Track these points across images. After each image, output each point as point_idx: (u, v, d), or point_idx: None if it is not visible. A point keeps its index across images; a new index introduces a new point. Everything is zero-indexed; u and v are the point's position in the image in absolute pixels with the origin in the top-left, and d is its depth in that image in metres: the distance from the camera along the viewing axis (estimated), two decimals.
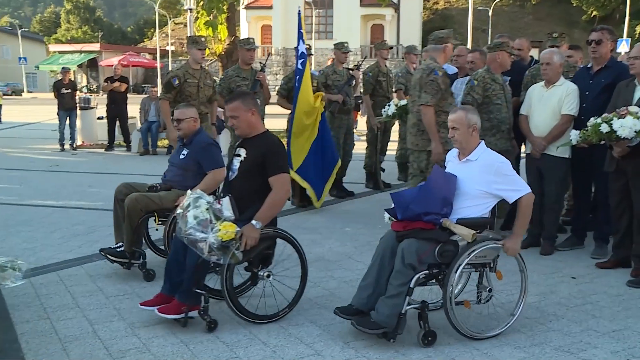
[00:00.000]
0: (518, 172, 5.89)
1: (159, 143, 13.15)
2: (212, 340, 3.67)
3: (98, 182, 9.17)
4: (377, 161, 8.55)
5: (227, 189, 4.09)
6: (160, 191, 4.77)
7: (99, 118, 14.60)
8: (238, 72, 6.82)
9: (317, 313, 4.15)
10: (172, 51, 50.94)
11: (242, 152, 4.06)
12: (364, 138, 9.02)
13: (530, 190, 3.73)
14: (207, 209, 3.68)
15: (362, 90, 8.96)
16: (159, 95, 9.33)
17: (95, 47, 54.80)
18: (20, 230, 6.22)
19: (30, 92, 54.06)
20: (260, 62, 7.22)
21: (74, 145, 13.49)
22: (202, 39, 6.80)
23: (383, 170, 8.85)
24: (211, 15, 15.27)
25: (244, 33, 42.72)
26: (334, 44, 8.09)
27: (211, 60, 28.45)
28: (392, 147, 9.35)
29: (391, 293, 3.52)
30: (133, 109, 13.83)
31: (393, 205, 3.77)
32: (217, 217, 3.68)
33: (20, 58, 52.78)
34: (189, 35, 12.22)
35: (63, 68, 14.15)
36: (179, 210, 3.76)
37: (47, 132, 16.67)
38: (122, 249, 4.71)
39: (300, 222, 6.80)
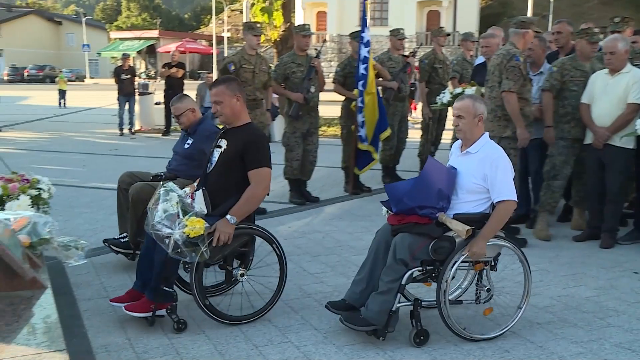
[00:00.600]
0: (543, 157, 5.89)
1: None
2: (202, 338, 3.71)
3: (155, 166, 9.34)
4: (428, 150, 8.46)
5: (203, 182, 3.81)
6: (164, 180, 4.56)
7: (156, 103, 14.93)
8: (293, 59, 6.84)
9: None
10: (227, 37, 51.45)
11: (223, 142, 3.80)
12: (419, 126, 8.92)
13: (515, 200, 3.46)
14: (177, 203, 3.47)
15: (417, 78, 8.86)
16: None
17: (154, 33, 55.91)
18: (83, 212, 6.43)
19: (92, 78, 55.71)
20: (316, 49, 7.20)
21: (132, 130, 13.86)
22: (258, 25, 6.83)
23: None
24: (267, 1, 15.36)
25: (299, 19, 42.77)
26: (390, 31, 8.00)
27: (266, 47, 28.63)
28: (447, 137, 9.23)
29: (382, 289, 3.37)
30: (190, 95, 14.05)
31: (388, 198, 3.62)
32: (185, 212, 3.45)
33: (83, 45, 54.42)
34: (244, 21, 12.34)
35: (123, 54, 14.50)
36: (150, 203, 3.57)
37: (108, 117, 17.18)
38: (126, 239, 4.61)
39: (353, 209, 6.81)
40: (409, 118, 8.76)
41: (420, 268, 3.42)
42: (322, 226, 6.07)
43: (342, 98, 7.45)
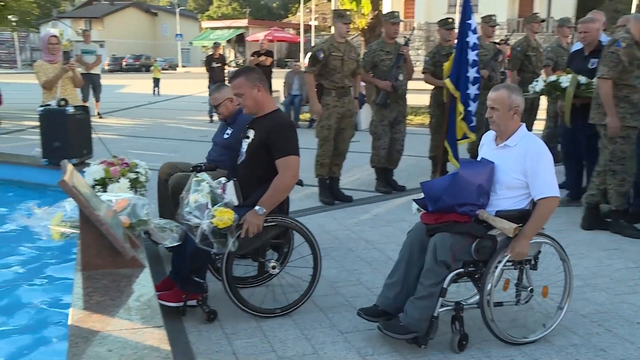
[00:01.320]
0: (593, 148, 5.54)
1: (302, 116, 13.54)
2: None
3: None
4: None
5: (234, 173, 3.81)
6: (204, 171, 4.53)
7: None
8: (382, 46, 6.80)
9: (454, 290, 4.09)
10: (315, 26, 51.72)
11: (251, 133, 3.73)
12: None
13: (558, 196, 3.24)
14: (207, 194, 3.40)
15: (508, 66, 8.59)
16: (303, 68, 9.54)
17: (243, 23, 57.05)
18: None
19: (184, 66, 57.68)
20: (404, 37, 7.13)
21: None
22: (348, 12, 6.83)
23: None
24: None
25: (386, 7, 42.37)
26: (481, 17, 7.80)
27: (354, 35, 28.57)
28: (539, 127, 8.92)
29: (422, 294, 3.16)
30: (277, 83, 14.30)
31: (422, 196, 3.38)
32: (215, 203, 3.38)
33: (177, 35, 56.41)
34: (333, 9, 12.37)
35: (215, 43, 14.90)
36: (183, 193, 3.53)
37: (198, 104, 17.75)
38: None
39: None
40: None
41: (461, 270, 3.22)
42: (408, 215, 6.02)
43: (431, 87, 7.35)
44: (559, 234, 5.37)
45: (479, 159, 3.50)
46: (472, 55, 6.65)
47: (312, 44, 46.32)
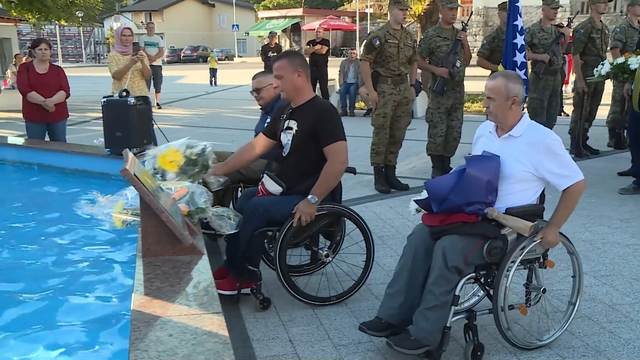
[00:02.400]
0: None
1: (357, 105, 13.49)
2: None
3: None
4: (581, 127, 7.94)
5: (280, 166, 3.79)
6: None
7: None
8: (439, 32, 6.69)
9: (515, 281, 4.00)
10: (370, 14, 51.35)
11: (293, 124, 3.65)
12: (570, 101, 8.38)
13: (583, 178, 3.04)
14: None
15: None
16: (359, 56, 9.49)
17: (299, 12, 57.17)
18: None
19: (240, 56, 58.32)
20: (462, 22, 6.98)
21: None
22: None
23: (587, 137, 8.23)
24: None
25: None
26: (543, 0, 7.56)
27: (410, 21, 28.22)
28: (603, 113, 8.60)
29: (433, 304, 2.89)
30: (333, 71, 14.28)
31: (425, 196, 3.13)
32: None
33: (233, 25, 57.07)
34: None
35: (270, 32, 15.00)
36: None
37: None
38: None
39: None
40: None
41: (474, 274, 2.99)
42: None
43: (488, 72, 7.18)
44: (626, 223, 5.22)
45: (474, 153, 3.25)
46: (520, 40, 6.46)
47: (368, 32, 46.04)
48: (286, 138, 3.70)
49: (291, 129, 3.65)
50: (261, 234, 3.58)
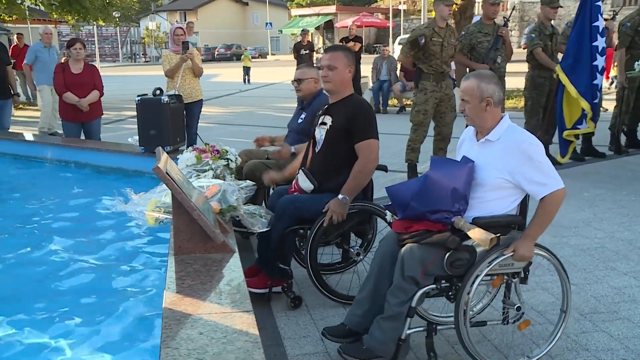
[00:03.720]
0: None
1: (390, 102, 13.41)
2: None
3: None
4: (621, 123, 7.75)
5: (311, 161, 3.73)
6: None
7: None
8: (480, 28, 6.57)
9: (549, 280, 3.93)
10: (404, 10, 51.00)
11: (328, 119, 3.61)
12: (610, 96, 8.17)
13: (564, 187, 2.75)
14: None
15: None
16: (391, 54, 9.41)
17: (332, 9, 57.07)
18: None
19: (274, 54, 58.54)
20: (504, 17, 6.85)
21: None
22: None
23: (625, 133, 8.02)
24: None
25: None
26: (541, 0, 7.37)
27: None
28: None
29: (388, 314, 2.79)
30: (366, 69, 14.22)
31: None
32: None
33: (266, 23, 57.35)
34: None
35: (303, 30, 15.00)
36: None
37: (287, 91, 17.93)
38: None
39: None
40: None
41: (433, 286, 2.82)
42: None
43: (526, 69, 7.06)
44: None
45: (458, 157, 3.03)
46: (601, 42, 6.30)
47: (401, 29, 45.62)
48: (320, 133, 3.68)
49: (325, 124, 3.63)
50: (292, 232, 3.58)
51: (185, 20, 55.05)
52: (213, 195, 3.51)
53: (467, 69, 6.57)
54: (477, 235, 2.69)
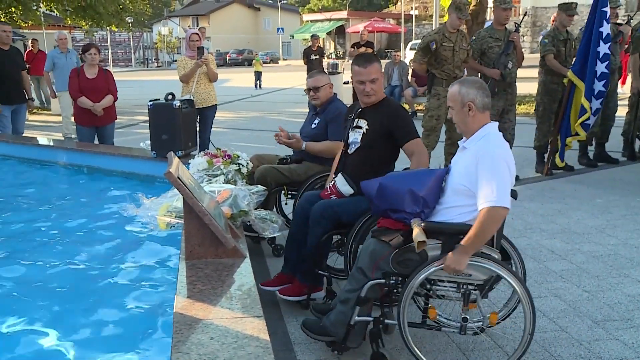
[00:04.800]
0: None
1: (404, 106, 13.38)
2: None
3: None
4: (635, 128, 7.69)
5: (343, 163, 3.73)
6: (290, 163, 4.59)
7: (344, 83, 15.29)
8: (491, 33, 6.56)
9: (561, 287, 3.91)
10: (415, 16, 51.00)
11: (363, 123, 3.64)
12: (626, 102, 8.10)
13: (503, 206, 2.68)
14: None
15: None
16: (403, 59, 9.40)
17: (343, 14, 57.25)
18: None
19: (285, 59, 58.69)
20: (515, 23, 6.83)
21: None
22: (466, 5, 6.48)
23: (639, 138, 7.97)
24: None
25: None
26: (559, 6, 7.32)
27: None
28: None
29: (342, 298, 2.97)
30: None
31: None
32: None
33: (278, 29, 57.59)
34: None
35: (312, 35, 15.03)
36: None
37: (298, 96, 17.97)
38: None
39: (545, 190, 6.44)
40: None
41: (382, 280, 2.86)
42: (511, 207, 5.79)
43: (537, 74, 7.04)
44: None
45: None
46: (603, 48, 6.27)
47: (413, 34, 45.57)
48: (354, 136, 3.69)
49: (360, 127, 3.65)
50: (329, 237, 3.56)
51: (198, 26, 55.35)
52: (224, 200, 3.52)
53: (479, 74, 6.54)
54: (415, 236, 2.70)
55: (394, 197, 2.90)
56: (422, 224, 2.77)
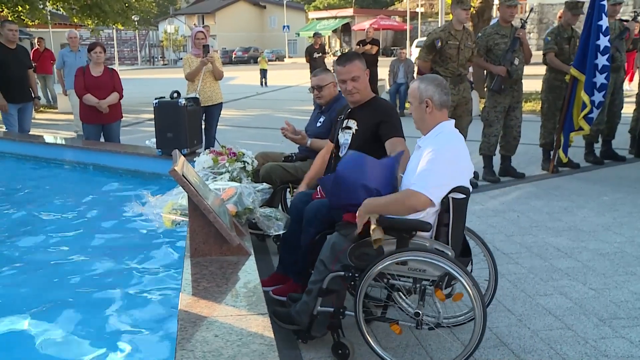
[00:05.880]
0: None
1: (407, 105, 13.36)
2: None
3: None
4: None
5: (334, 166, 3.63)
6: (295, 161, 4.56)
7: None
8: (497, 30, 6.53)
9: (567, 284, 3.89)
10: (421, 13, 50.89)
11: (352, 123, 3.60)
12: (634, 99, 8.06)
13: (426, 196, 2.69)
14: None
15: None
16: (408, 56, 9.38)
17: (349, 12, 57.19)
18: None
19: (291, 57, 58.69)
20: (521, 19, 6.81)
21: None
22: None
23: None
24: None
25: None
26: (565, 4, 7.30)
27: None
28: None
29: (308, 288, 3.06)
30: (383, 71, 14.19)
31: None
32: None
33: (284, 26, 57.57)
34: None
35: (315, 33, 15.05)
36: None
37: (303, 94, 17.97)
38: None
39: (551, 188, 6.41)
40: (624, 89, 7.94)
41: (342, 273, 2.91)
42: (517, 205, 5.80)
43: (543, 71, 7.01)
44: None
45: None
46: (603, 41, 6.25)
47: (418, 32, 45.53)
48: (344, 137, 3.67)
49: (350, 128, 3.63)
50: (323, 237, 3.54)
51: (203, 24, 55.40)
52: (229, 198, 3.52)
53: (484, 71, 6.52)
54: (371, 233, 2.74)
55: (349, 192, 2.94)
56: (377, 219, 2.78)
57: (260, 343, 2.06)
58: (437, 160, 2.75)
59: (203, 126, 6.73)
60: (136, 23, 25.76)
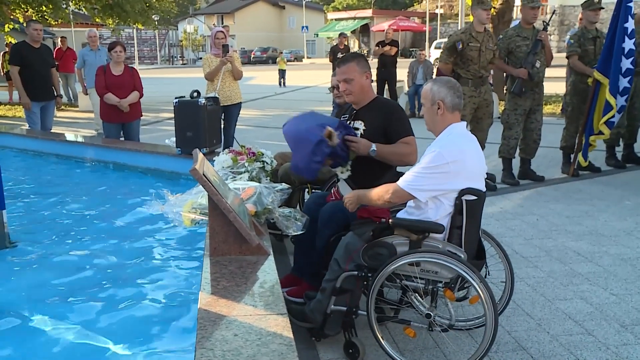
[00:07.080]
0: None
1: None
2: None
3: None
4: None
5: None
6: None
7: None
8: (519, 32, 6.47)
9: (588, 289, 3.85)
10: (440, 14, 50.67)
11: (359, 124, 3.58)
12: None
13: (405, 191, 2.80)
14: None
15: None
16: (428, 58, 9.33)
17: (368, 13, 57.10)
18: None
19: (309, 58, 58.73)
20: (543, 21, 6.74)
21: None
22: None
23: None
24: None
25: None
26: (582, 5, 7.22)
27: None
28: None
29: (322, 286, 3.07)
30: (401, 73, 14.16)
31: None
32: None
33: (303, 27, 57.59)
34: None
35: (340, 34, 15.00)
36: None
37: (322, 94, 17.99)
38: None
39: (570, 191, 6.35)
40: None
41: (355, 272, 2.94)
42: (536, 208, 5.75)
43: (564, 74, 6.95)
44: None
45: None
46: (628, 44, 6.18)
47: (438, 33, 45.31)
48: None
49: (357, 129, 3.60)
50: (337, 239, 3.54)
51: (223, 24, 55.66)
52: (249, 198, 3.52)
53: (504, 73, 6.48)
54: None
55: (299, 141, 3.24)
56: (391, 221, 2.88)
57: (279, 343, 2.06)
58: (431, 162, 2.77)
59: (222, 125, 6.75)
60: (156, 23, 25.95)
